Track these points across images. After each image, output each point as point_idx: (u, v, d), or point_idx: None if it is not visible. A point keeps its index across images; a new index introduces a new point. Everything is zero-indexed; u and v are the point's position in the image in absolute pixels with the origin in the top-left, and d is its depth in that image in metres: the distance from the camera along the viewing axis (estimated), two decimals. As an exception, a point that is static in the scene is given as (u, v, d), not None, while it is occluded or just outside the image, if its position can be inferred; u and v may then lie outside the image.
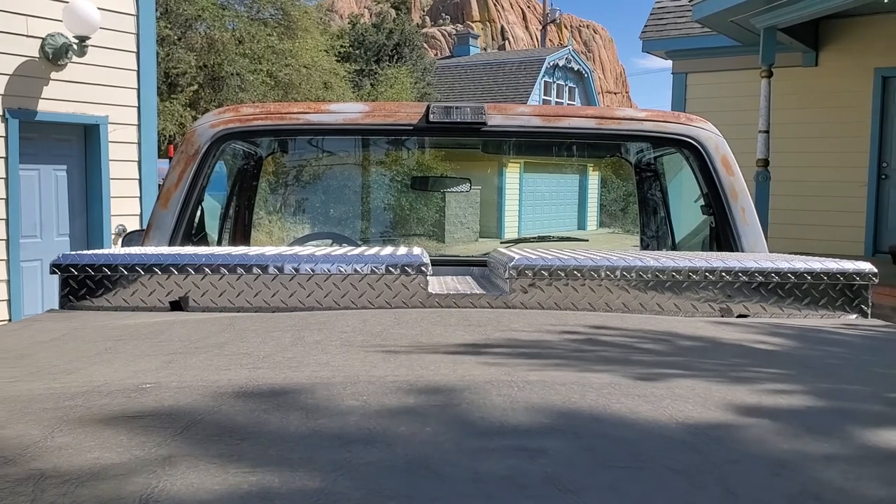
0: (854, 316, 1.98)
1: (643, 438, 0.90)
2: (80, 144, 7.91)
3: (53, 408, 0.98)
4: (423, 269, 1.91)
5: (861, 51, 10.48)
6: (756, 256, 2.18)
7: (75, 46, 7.32)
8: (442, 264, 2.73)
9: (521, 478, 0.77)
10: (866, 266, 1.98)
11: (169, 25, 17.16)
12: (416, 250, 2.01)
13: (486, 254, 2.66)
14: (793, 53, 10.58)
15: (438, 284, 2.16)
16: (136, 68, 8.17)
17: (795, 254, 2.49)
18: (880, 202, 10.63)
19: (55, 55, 7.28)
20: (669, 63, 12.32)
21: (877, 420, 1.01)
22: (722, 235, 2.62)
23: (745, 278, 1.94)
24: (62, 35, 7.28)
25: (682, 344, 1.52)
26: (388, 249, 2.10)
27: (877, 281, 1.99)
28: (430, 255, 2.03)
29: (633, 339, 1.56)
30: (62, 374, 1.19)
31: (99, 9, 7.34)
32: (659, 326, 1.67)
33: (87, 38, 7.34)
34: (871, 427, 0.97)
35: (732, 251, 2.55)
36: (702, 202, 2.73)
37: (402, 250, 2.03)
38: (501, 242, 3.41)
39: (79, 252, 1.99)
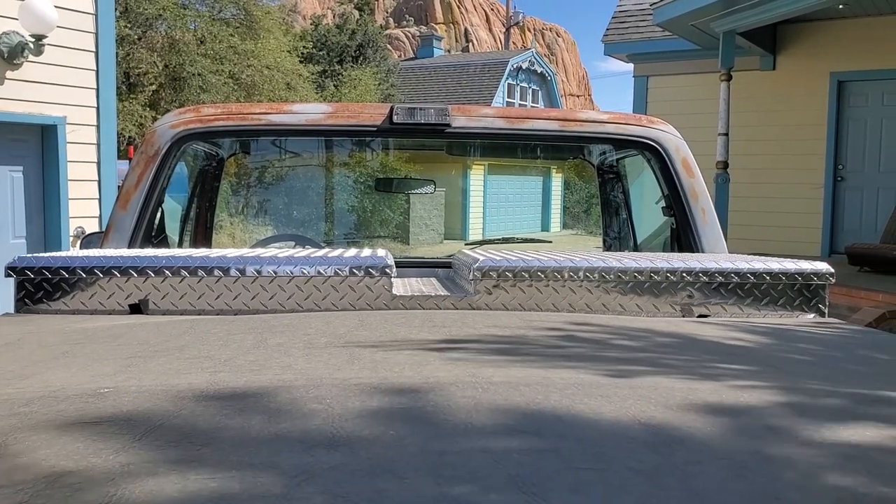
0: (812, 315, 2.01)
1: (606, 439, 0.90)
2: (36, 145, 7.76)
3: (8, 414, 0.95)
4: (387, 270, 1.90)
5: (817, 55, 10.70)
6: (716, 257, 2.21)
7: (31, 45, 7.18)
8: (406, 266, 2.72)
9: (485, 480, 0.76)
10: (823, 266, 2.01)
11: (129, 25, 16.91)
12: (381, 252, 2.00)
13: (450, 255, 2.66)
14: (751, 57, 10.77)
15: (403, 286, 2.16)
16: (94, 68, 8.03)
17: (754, 254, 2.53)
18: (836, 204, 10.86)
19: (10, 54, 7.13)
20: (631, 66, 12.45)
21: (835, 418, 1.02)
22: (683, 236, 2.65)
23: (705, 279, 1.96)
24: (18, 33, 7.13)
25: (644, 344, 1.54)
26: (352, 251, 2.09)
27: (833, 281, 2.03)
28: (394, 257, 2.03)
29: (595, 340, 1.57)
30: (17, 379, 1.16)
31: (56, 7, 7.20)
32: (621, 326, 1.68)
33: (44, 36, 7.19)
34: (830, 426, 0.98)
35: (693, 252, 2.58)
36: (663, 203, 2.75)
37: (366, 252, 2.02)
38: (466, 244, 3.41)
39: (35, 255, 1.95)
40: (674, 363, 1.34)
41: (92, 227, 7.85)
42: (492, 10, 53.21)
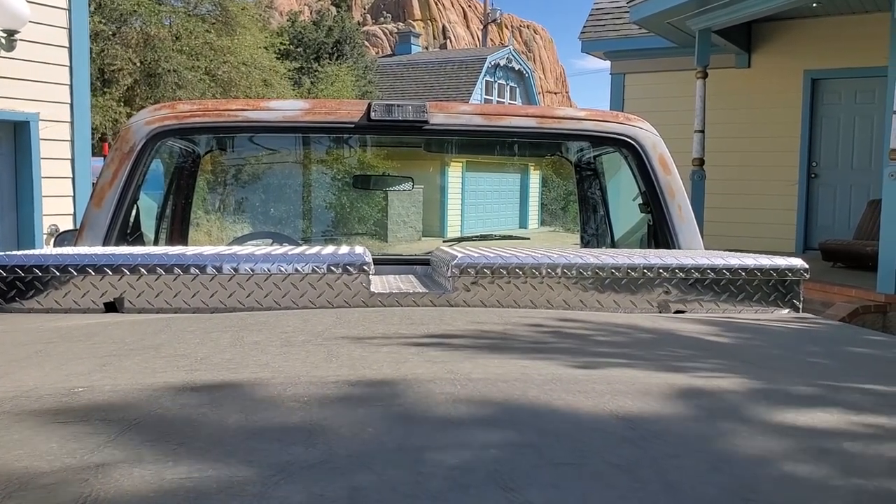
0: (786, 310, 2.03)
1: (584, 434, 0.91)
2: (9, 142, 7.66)
3: (-21, 415, 0.94)
4: (365, 268, 1.90)
5: (791, 53, 10.81)
6: (692, 253, 2.23)
7: (3, 41, 7.08)
8: (384, 263, 2.71)
9: (463, 476, 0.76)
10: (798, 262, 2.03)
11: (103, 20, 16.74)
12: (359, 249, 2.00)
13: (428, 252, 2.66)
14: (726, 55, 10.85)
15: (381, 283, 2.15)
16: (68, 64, 7.94)
17: (730, 251, 2.55)
18: (810, 200, 10.98)
19: (-18, 50, 7.04)
20: (608, 64, 12.50)
21: (810, 412, 1.03)
22: (659, 233, 2.66)
23: (681, 275, 1.98)
24: (-11, 29, 7.05)
25: (621, 340, 1.54)
26: (330, 248, 2.08)
27: (808, 277, 2.05)
28: (372, 254, 2.02)
29: (573, 336, 1.58)
30: (-11, 379, 1.14)
31: (29, 2, 7.12)
32: (598, 322, 1.69)
33: (17, 32, 7.11)
34: (805, 419, 0.99)
35: (670, 248, 2.60)
36: (640, 200, 2.77)
37: (344, 249, 2.02)
38: (444, 241, 3.42)
39: (8, 253, 1.92)
40: (651, 359, 1.35)
41: (66, 224, 7.76)
42: (469, 6, 53.22)
